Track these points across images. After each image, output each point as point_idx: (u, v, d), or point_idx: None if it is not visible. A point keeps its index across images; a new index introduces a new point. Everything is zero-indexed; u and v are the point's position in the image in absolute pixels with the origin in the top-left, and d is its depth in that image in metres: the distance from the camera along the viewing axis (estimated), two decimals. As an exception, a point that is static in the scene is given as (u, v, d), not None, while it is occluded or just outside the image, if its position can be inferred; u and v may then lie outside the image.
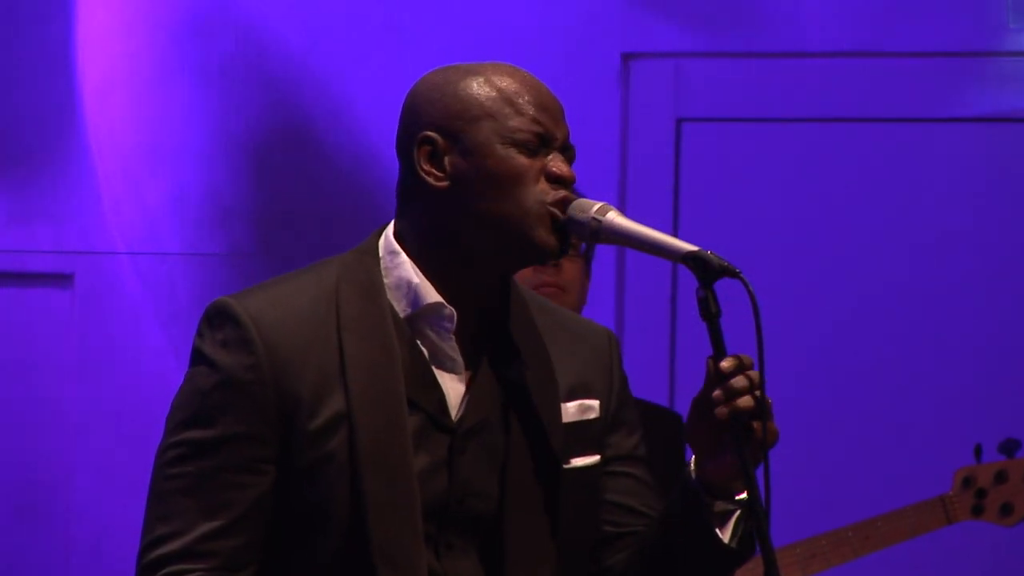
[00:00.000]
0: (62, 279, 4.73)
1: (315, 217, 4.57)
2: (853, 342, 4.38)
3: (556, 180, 2.01)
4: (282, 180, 4.64)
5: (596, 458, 2.10)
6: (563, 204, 2.01)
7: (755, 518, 1.92)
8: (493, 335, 2.06)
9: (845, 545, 3.46)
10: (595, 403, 2.11)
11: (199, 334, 2.02)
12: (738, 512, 2.01)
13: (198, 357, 2.01)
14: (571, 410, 2.08)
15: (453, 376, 2.04)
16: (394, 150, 2.09)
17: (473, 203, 2.00)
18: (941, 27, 4.35)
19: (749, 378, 1.94)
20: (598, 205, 2.02)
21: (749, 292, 1.92)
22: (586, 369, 2.12)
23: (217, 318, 2.00)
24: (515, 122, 2.00)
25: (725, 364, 1.93)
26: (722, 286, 1.95)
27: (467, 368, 2.05)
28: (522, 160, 2.00)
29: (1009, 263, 4.33)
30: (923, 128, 4.41)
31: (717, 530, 2.01)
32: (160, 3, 4.68)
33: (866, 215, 4.41)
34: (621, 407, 2.15)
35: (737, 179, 4.49)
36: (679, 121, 4.52)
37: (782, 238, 4.43)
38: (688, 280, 2.32)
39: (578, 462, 2.07)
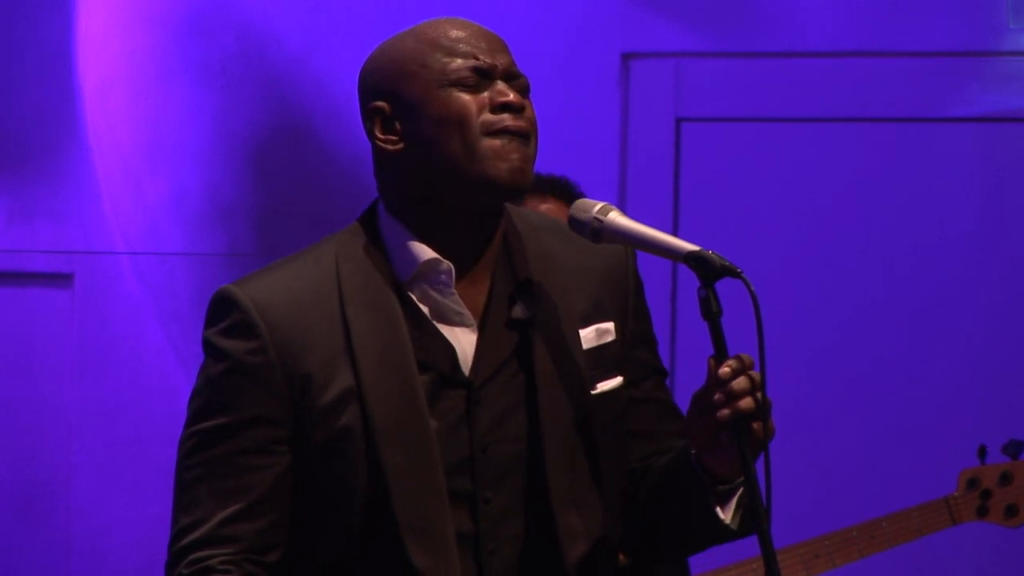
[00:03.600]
0: (62, 279, 4.73)
1: (315, 217, 4.57)
2: (856, 342, 4.38)
3: (501, 108, 2.00)
4: (282, 180, 4.64)
5: (619, 380, 2.10)
6: (507, 130, 1.99)
7: (755, 517, 1.92)
8: (498, 278, 2.07)
9: (850, 545, 3.45)
10: (610, 325, 2.10)
11: (206, 324, 2.03)
12: (741, 491, 2.01)
13: (206, 347, 2.02)
14: (589, 336, 2.08)
15: (464, 329, 2.04)
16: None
17: (427, 154, 2.00)
18: (941, 27, 4.35)
19: (750, 378, 1.93)
20: (600, 205, 2.02)
21: (750, 292, 1.92)
22: (601, 287, 2.11)
23: (219, 306, 2.02)
24: (448, 63, 2.01)
25: (726, 369, 1.92)
26: (723, 286, 1.95)
27: (477, 318, 2.05)
28: (463, 97, 1.99)
29: (1010, 262, 4.33)
30: (923, 128, 4.41)
31: (719, 509, 2.01)
32: (160, 2, 4.68)
33: (866, 215, 4.41)
34: (640, 320, 2.15)
35: (737, 179, 4.49)
36: (679, 121, 4.52)
37: (782, 238, 4.43)
38: (688, 280, 2.31)
39: (603, 386, 2.08)
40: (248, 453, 1.98)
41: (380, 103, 2.03)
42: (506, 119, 2.00)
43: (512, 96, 2.00)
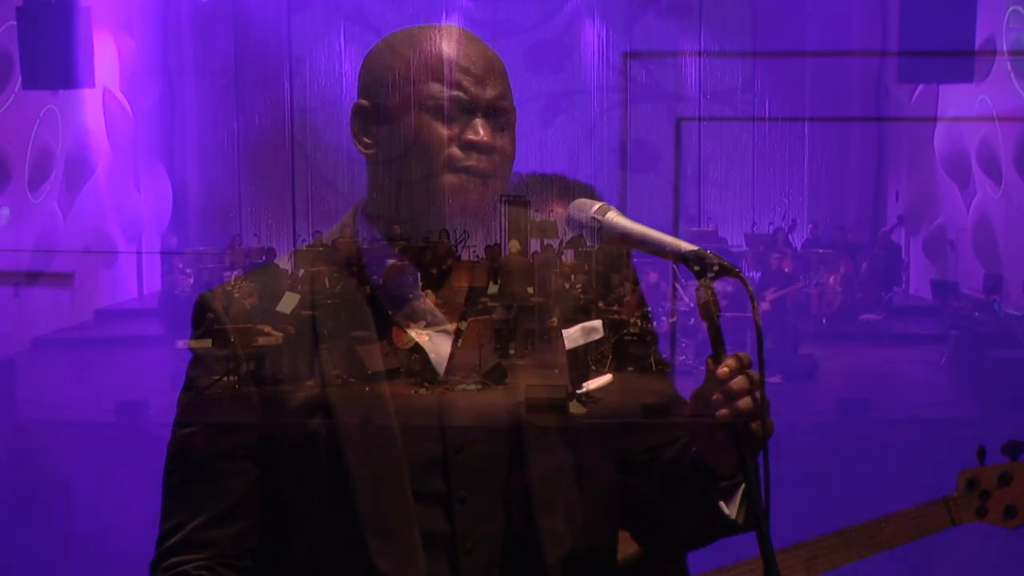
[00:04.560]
0: (62, 279, 4.74)
1: (315, 217, 4.58)
2: (855, 341, 4.38)
3: (469, 147, 1.98)
4: (282, 180, 4.64)
5: (608, 377, 2.07)
6: (469, 169, 1.98)
7: (754, 517, 1.91)
8: (479, 280, 2.05)
9: (849, 546, 3.44)
10: (597, 323, 2.08)
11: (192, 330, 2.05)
12: (744, 486, 1.99)
13: (192, 354, 2.05)
14: (574, 335, 2.06)
15: (438, 331, 2.03)
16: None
17: (391, 168, 1.99)
18: (941, 27, 4.36)
19: (749, 377, 1.92)
20: (598, 205, 2.01)
21: (749, 291, 1.91)
22: (593, 286, 2.08)
23: (197, 312, 2.04)
24: (431, 88, 1.98)
25: (724, 369, 1.91)
26: (723, 285, 1.94)
27: (455, 320, 2.03)
28: (436, 127, 1.97)
29: (1011, 262, 4.34)
30: (923, 127, 4.42)
31: (723, 504, 2.00)
32: (160, 2, 4.69)
33: (866, 213, 4.42)
34: (637, 315, 2.12)
35: (737, 178, 4.49)
36: (679, 121, 4.53)
37: (782, 237, 4.43)
38: (688, 280, 2.31)
39: (590, 385, 2.06)
40: (222, 459, 1.99)
41: (364, 102, 2.03)
42: (472, 158, 1.98)
43: (483, 136, 1.98)
